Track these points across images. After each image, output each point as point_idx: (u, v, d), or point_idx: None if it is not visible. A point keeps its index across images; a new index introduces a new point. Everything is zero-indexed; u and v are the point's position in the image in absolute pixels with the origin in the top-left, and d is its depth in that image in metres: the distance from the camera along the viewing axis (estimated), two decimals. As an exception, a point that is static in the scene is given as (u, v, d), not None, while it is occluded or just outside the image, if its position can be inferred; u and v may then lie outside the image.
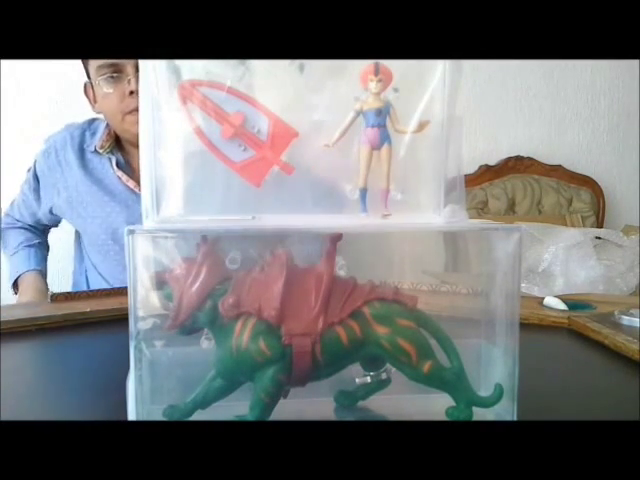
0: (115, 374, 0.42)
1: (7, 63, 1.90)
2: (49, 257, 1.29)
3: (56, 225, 1.28)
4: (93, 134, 1.17)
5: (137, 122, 1.14)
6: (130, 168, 1.15)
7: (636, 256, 1.65)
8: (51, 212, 1.21)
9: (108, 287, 1.15)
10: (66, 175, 1.16)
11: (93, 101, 1.13)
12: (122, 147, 1.16)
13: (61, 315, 0.75)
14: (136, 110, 0.98)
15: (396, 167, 0.40)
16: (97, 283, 1.19)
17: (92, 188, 1.14)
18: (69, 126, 1.21)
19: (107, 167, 1.14)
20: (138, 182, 1.11)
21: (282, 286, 0.38)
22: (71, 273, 1.29)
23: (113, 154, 1.14)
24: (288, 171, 0.40)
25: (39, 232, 1.28)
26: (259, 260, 0.39)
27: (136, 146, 1.08)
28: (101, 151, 1.14)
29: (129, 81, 1.03)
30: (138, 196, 1.10)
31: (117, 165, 1.14)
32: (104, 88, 1.06)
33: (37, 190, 1.20)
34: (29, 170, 1.21)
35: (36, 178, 1.20)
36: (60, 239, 1.38)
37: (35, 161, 1.20)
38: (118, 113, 1.07)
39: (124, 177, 1.13)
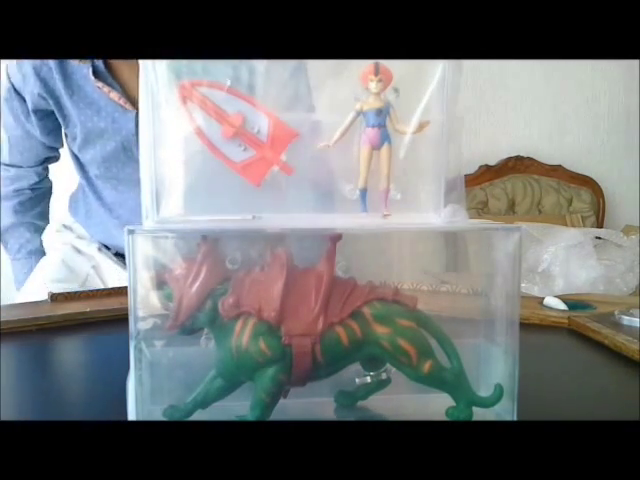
0: (115, 374, 0.42)
1: (7, 63, 1.90)
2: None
3: (58, 154, 1.13)
4: None
5: None
6: (112, 77, 0.97)
7: (636, 256, 1.65)
8: (44, 119, 1.04)
9: (103, 208, 1.09)
10: (46, 79, 0.98)
11: None
12: None
13: (61, 315, 0.75)
14: None
15: (396, 167, 0.40)
16: (92, 202, 1.11)
17: (73, 98, 0.98)
18: None
19: (87, 73, 0.96)
20: (123, 95, 0.96)
21: (282, 286, 0.38)
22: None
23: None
24: (288, 171, 0.40)
25: (40, 221, 1.20)
26: (259, 260, 0.39)
27: None
28: None
29: None
30: (126, 110, 0.97)
31: (94, 74, 0.94)
32: None
33: (25, 110, 1.02)
34: (6, 94, 1.03)
35: (19, 96, 1.02)
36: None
37: (8, 77, 1.02)
38: None
39: (105, 88, 0.95)
